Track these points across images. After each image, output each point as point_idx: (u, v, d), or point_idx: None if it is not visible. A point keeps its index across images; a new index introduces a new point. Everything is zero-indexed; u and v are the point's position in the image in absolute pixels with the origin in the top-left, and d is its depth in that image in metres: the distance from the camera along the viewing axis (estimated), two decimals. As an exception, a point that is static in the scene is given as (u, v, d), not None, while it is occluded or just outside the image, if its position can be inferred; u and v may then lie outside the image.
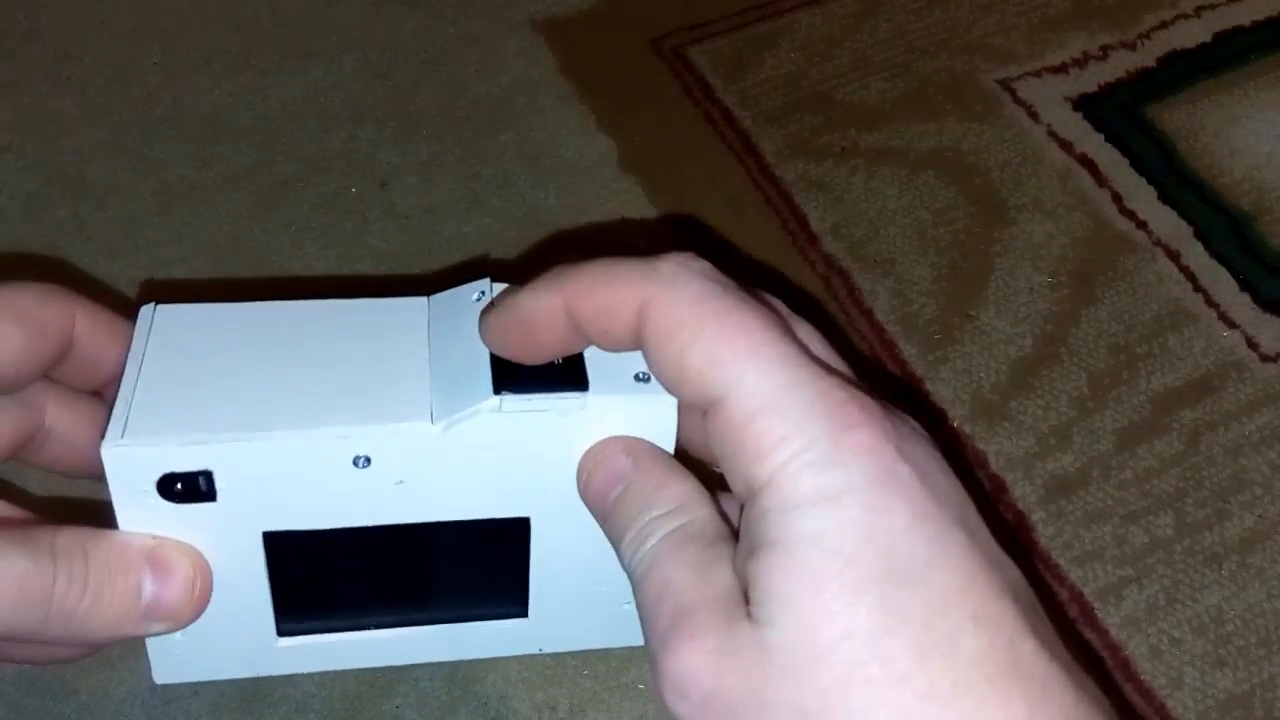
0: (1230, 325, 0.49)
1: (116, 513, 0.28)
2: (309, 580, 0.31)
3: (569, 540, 0.30)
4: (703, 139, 0.56)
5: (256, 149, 0.55)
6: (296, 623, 0.31)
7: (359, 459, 0.27)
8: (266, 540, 0.29)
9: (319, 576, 0.31)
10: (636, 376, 0.28)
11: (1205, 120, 0.56)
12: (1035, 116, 0.56)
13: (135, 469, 0.27)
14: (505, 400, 0.27)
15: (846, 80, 0.58)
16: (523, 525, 0.30)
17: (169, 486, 0.27)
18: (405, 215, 0.53)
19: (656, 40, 0.60)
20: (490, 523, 0.30)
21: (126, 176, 0.54)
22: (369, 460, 0.27)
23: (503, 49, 0.59)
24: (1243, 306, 0.50)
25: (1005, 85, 0.58)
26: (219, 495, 0.27)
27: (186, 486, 0.27)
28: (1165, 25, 0.60)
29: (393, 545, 0.30)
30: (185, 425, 0.26)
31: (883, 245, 0.52)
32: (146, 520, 0.28)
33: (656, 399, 0.27)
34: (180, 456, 0.26)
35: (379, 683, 0.40)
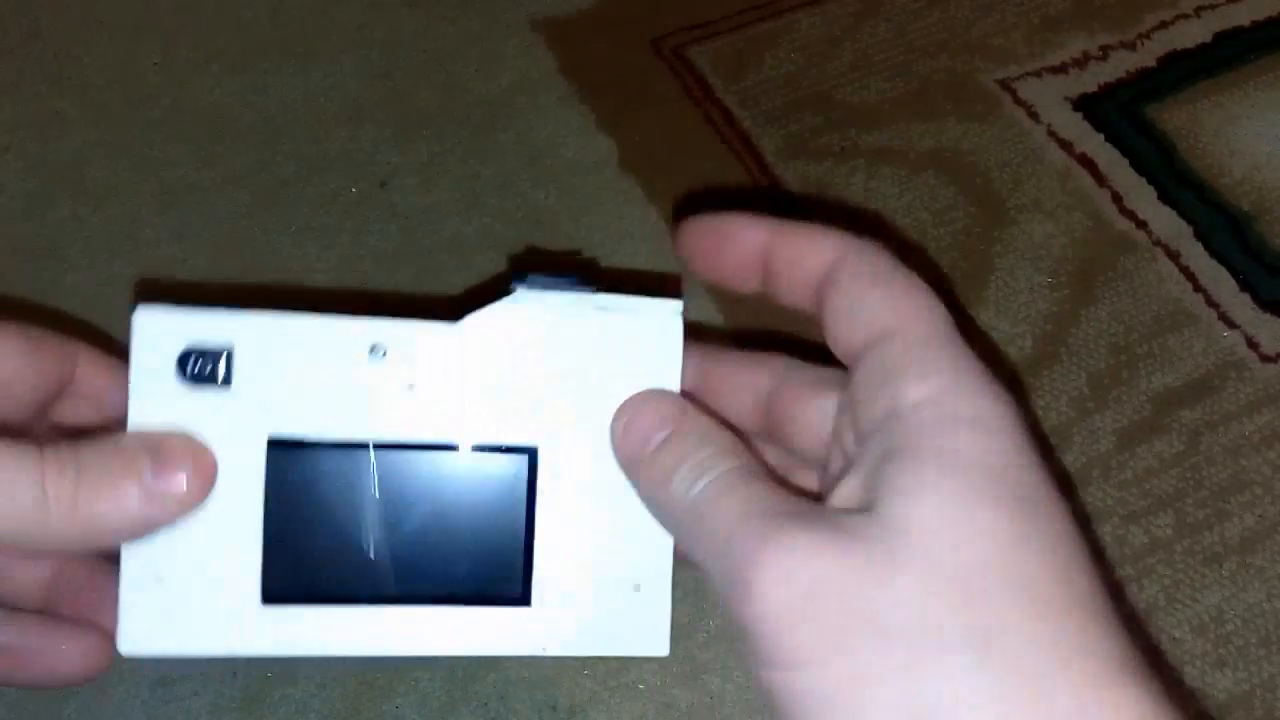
0: (1230, 325, 0.49)
1: (130, 399, 0.28)
2: (302, 539, 0.29)
3: (577, 486, 0.30)
4: (703, 139, 0.56)
5: (256, 149, 0.55)
6: (284, 588, 0.29)
7: (376, 347, 0.29)
8: (269, 466, 0.29)
9: (312, 538, 0.29)
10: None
11: (1205, 120, 0.56)
12: (1035, 116, 0.56)
13: (162, 336, 0.28)
14: (518, 288, 0.29)
15: (846, 80, 0.58)
16: (530, 462, 0.30)
17: (188, 363, 0.28)
18: (405, 215, 0.53)
19: (656, 40, 0.60)
20: (495, 461, 0.30)
21: (126, 176, 0.54)
22: (385, 351, 0.29)
23: (503, 49, 0.59)
24: (1243, 306, 0.50)
25: (1005, 85, 0.58)
26: (234, 380, 0.28)
27: (205, 365, 0.28)
28: (1165, 25, 0.60)
29: (391, 510, 0.30)
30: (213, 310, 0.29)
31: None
32: (158, 408, 0.28)
33: (665, 304, 0.30)
34: (207, 326, 0.28)
35: (379, 683, 0.40)
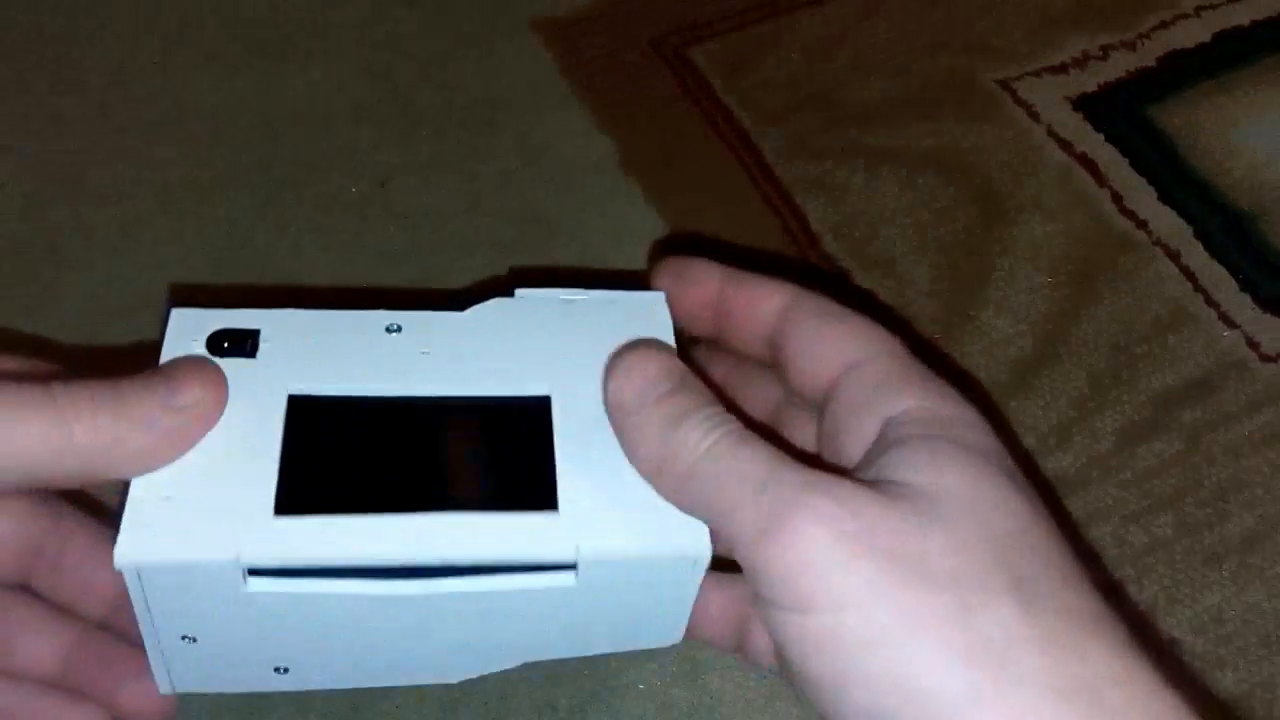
0: (1230, 325, 0.49)
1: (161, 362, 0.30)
2: (319, 467, 0.29)
3: (592, 423, 0.30)
4: (703, 139, 0.56)
5: (256, 149, 0.55)
6: (299, 501, 0.28)
7: (392, 325, 0.32)
8: (289, 412, 0.30)
9: (329, 466, 0.29)
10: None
11: (1205, 120, 0.56)
12: (1035, 116, 0.56)
13: (194, 325, 0.31)
14: (519, 291, 0.33)
15: (846, 80, 0.58)
16: (544, 407, 0.30)
17: (217, 342, 0.30)
18: (405, 215, 0.53)
19: (656, 40, 0.60)
20: (510, 404, 0.31)
21: (126, 176, 0.54)
22: (400, 328, 0.32)
23: (503, 49, 0.59)
24: (1243, 306, 0.50)
25: (1005, 85, 0.58)
26: (259, 354, 0.30)
27: (233, 342, 0.30)
28: (1165, 25, 0.60)
29: (410, 443, 0.30)
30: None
31: (883, 245, 0.52)
32: None
33: (651, 294, 0.33)
34: (236, 318, 0.31)
35: (379, 683, 0.40)
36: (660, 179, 0.54)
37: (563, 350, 0.32)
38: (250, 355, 0.30)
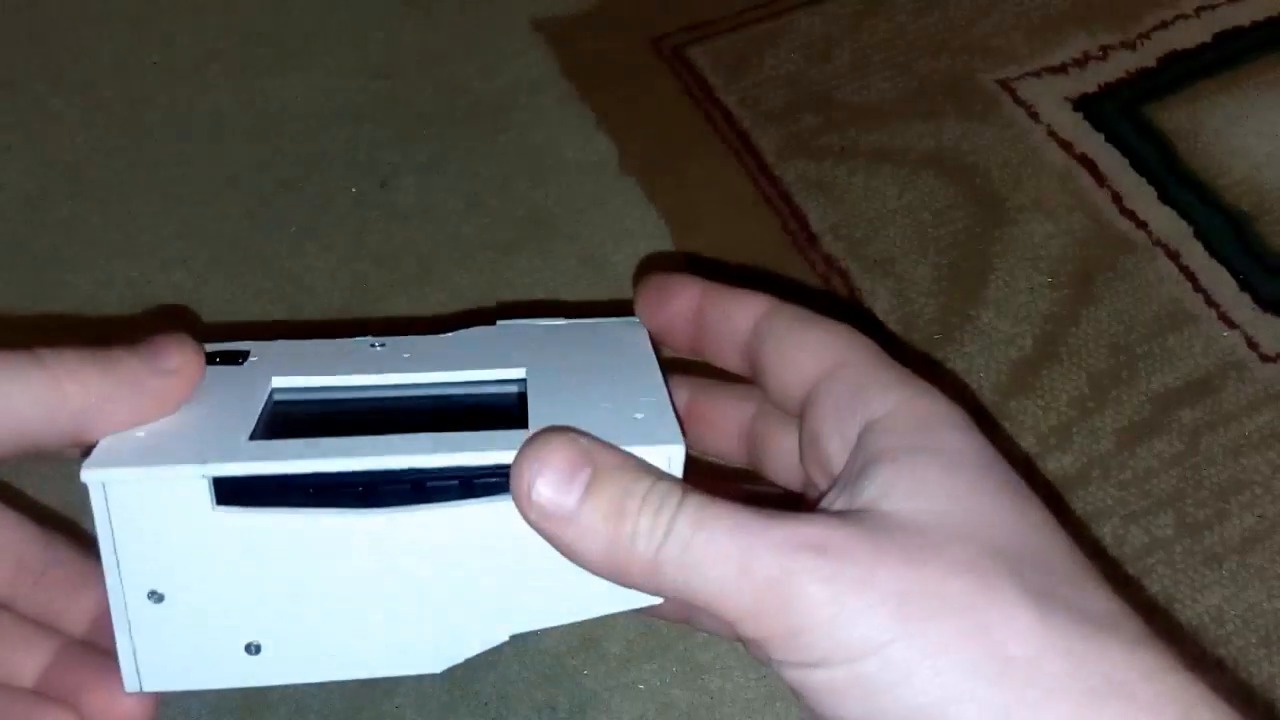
0: (1230, 325, 0.49)
1: None
2: (298, 420, 0.30)
3: (568, 386, 0.30)
4: (703, 139, 0.56)
5: (256, 149, 0.55)
6: (277, 431, 0.29)
7: (375, 343, 0.33)
8: (271, 396, 0.31)
9: (310, 420, 0.30)
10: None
11: (1205, 120, 0.56)
12: (1035, 116, 0.56)
13: None
14: (501, 321, 0.34)
15: (846, 80, 0.58)
16: (520, 383, 0.31)
17: (209, 358, 0.31)
18: (405, 215, 0.53)
19: (656, 40, 0.60)
20: (487, 383, 0.32)
21: (126, 176, 0.54)
22: (384, 344, 0.33)
23: (503, 49, 0.59)
24: (1243, 306, 0.50)
25: (1005, 85, 0.58)
26: (247, 362, 0.32)
27: (224, 357, 0.32)
28: (1165, 25, 0.60)
29: (391, 408, 0.31)
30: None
31: (883, 245, 0.52)
32: None
33: (630, 320, 0.34)
34: (229, 346, 0.32)
35: (379, 683, 0.40)
36: (660, 179, 0.54)
37: (541, 350, 0.32)
38: (239, 364, 0.32)
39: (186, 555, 0.27)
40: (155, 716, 0.30)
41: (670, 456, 0.27)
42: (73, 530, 0.33)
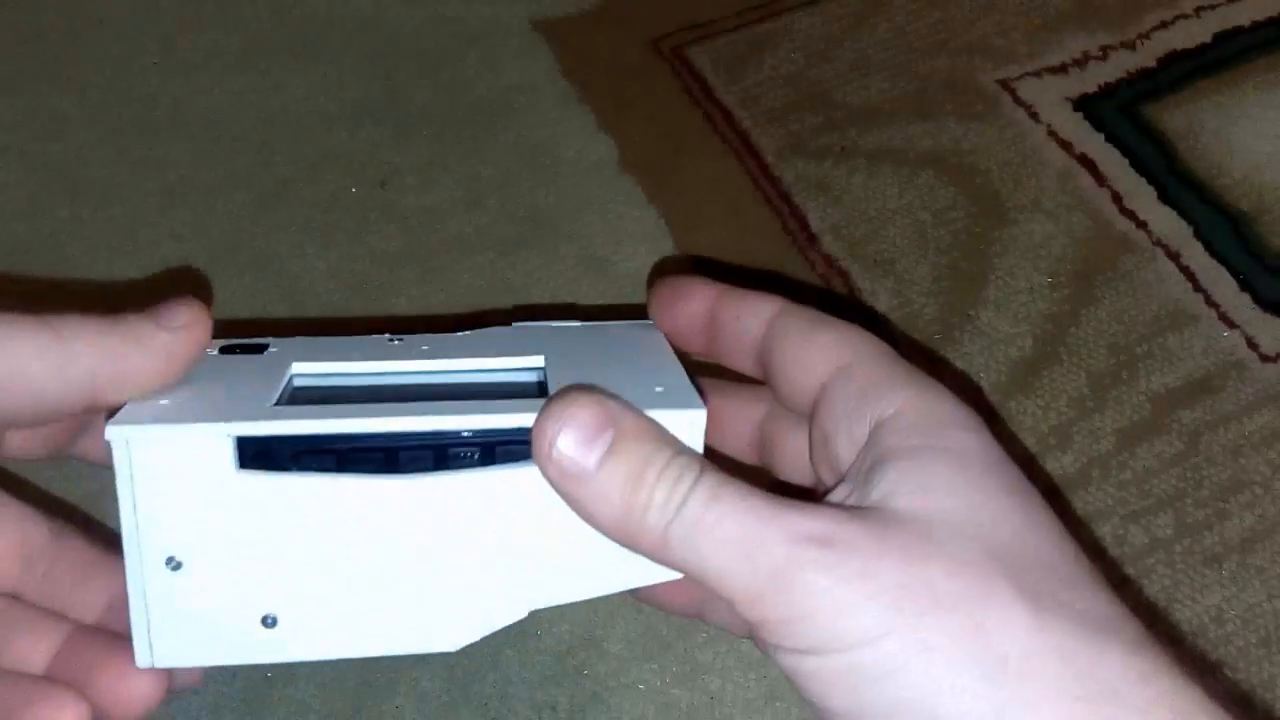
0: (1230, 325, 0.49)
1: None
2: (318, 401, 0.30)
3: (587, 370, 0.30)
4: (703, 139, 0.56)
5: (256, 149, 0.55)
6: (298, 398, 0.30)
7: (393, 338, 0.33)
8: (289, 383, 0.31)
9: (329, 402, 0.30)
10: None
11: (1205, 120, 0.56)
12: (1035, 116, 0.56)
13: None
14: (516, 323, 0.34)
15: (846, 80, 0.58)
16: (539, 370, 0.31)
17: (229, 350, 0.32)
18: (405, 215, 0.53)
19: (656, 40, 0.60)
20: (507, 370, 0.32)
21: (126, 176, 0.54)
22: (402, 339, 0.33)
23: (503, 49, 0.59)
24: (1243, 306, 0.50)
25: (1005, 85, 0.58)
26: (267, 353, 0.32)
27: (244, 349, 0.32)
28: (1165, 25, 0.60)
29: (411, 390, 0.31)
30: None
31: (883, 245, 0.52)
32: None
33: (645, 323, 0.34)
34: (249, 340, 0.33)
35: (379, 683, 0.40)
36: (660, 179, 0.54)
37: (559, 344, 0.32)
38: (259, 353, 0.32)
39: (207, 519, 0.27)
40: (164, 696, 0.30)
41: (691, 421, 0.27)
42: (82, 523, 0.33)
